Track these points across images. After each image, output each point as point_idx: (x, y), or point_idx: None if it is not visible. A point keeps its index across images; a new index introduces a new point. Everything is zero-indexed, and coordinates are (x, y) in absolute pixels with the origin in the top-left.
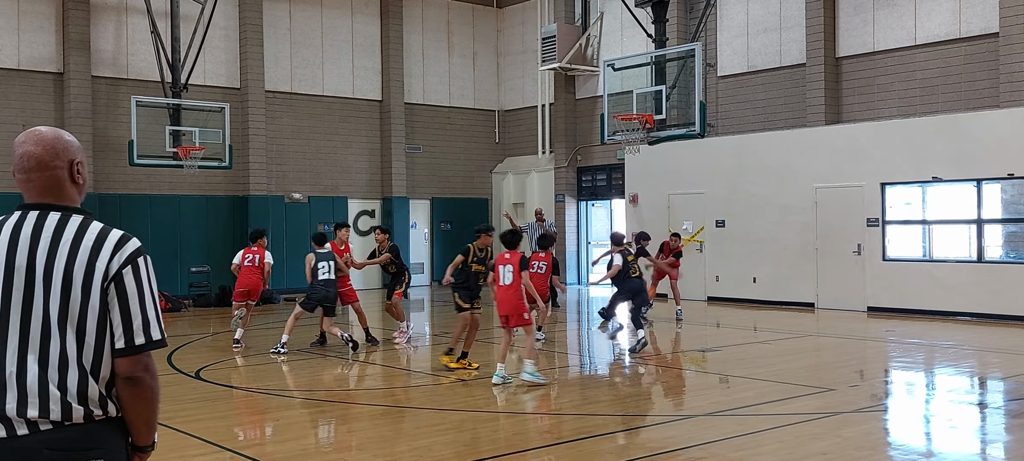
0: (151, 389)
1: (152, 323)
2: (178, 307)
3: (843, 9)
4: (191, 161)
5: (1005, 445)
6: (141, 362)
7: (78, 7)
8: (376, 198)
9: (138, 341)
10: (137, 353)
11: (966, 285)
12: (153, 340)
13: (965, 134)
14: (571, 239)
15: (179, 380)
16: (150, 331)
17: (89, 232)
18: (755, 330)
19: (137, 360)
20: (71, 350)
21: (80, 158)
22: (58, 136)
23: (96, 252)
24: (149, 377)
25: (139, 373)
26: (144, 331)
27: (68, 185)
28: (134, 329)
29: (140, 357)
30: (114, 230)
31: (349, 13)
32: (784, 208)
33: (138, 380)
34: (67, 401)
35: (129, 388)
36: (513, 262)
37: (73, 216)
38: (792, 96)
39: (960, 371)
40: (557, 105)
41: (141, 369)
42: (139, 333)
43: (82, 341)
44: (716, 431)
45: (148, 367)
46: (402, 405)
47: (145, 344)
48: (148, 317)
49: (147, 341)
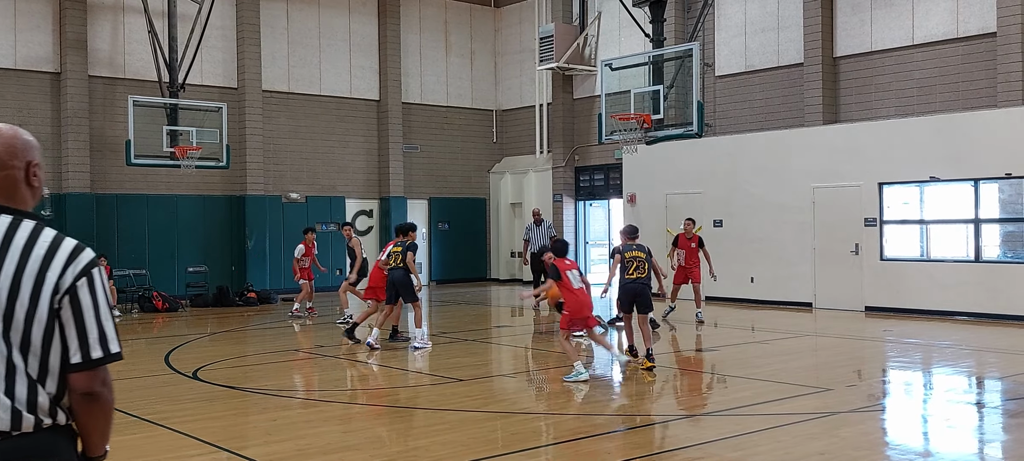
0: (109, 403)
1: (109, 337)
2: (175, 307)
3: (841, 9)
4: (188, 161)
5: (1003, 445)
6: (99, 376)
7: (75, 6)
8: (374, 198)
9: (95, 355)
10: (95, 367)
11: (964, 285)
12: (111, 353)
13: (963, 134)
14: (569, 239)
15: (176, 380)
16: (108, 345)
17: (41, 240)
18: (753, 330)
19: (95, 375)
20: (18, 359)
21: (37, 159)
22: (16, 134)
23: (48, 262)
24: (107, 392)
25: (97, 389)
26: (101, 345)
27: (23, 187)
28: (90, 343)
29: (98, 371)
30: (67, 239)
31: (346, 13)
32: (782, 208)
33: (97, 395)
34: (16, 408)
35: (87, 404)
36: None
37: (24, 221)
38: (790, 96)
39: (958, 371)
40: (555, 105)
41: (99, 384)
42: (95, 347)
43: (27, 351)
44: (714, 431)
45: (105, 381)
46: (400, 405)
47: (103, 358)
48: (105, 330)
49: (105, 355)
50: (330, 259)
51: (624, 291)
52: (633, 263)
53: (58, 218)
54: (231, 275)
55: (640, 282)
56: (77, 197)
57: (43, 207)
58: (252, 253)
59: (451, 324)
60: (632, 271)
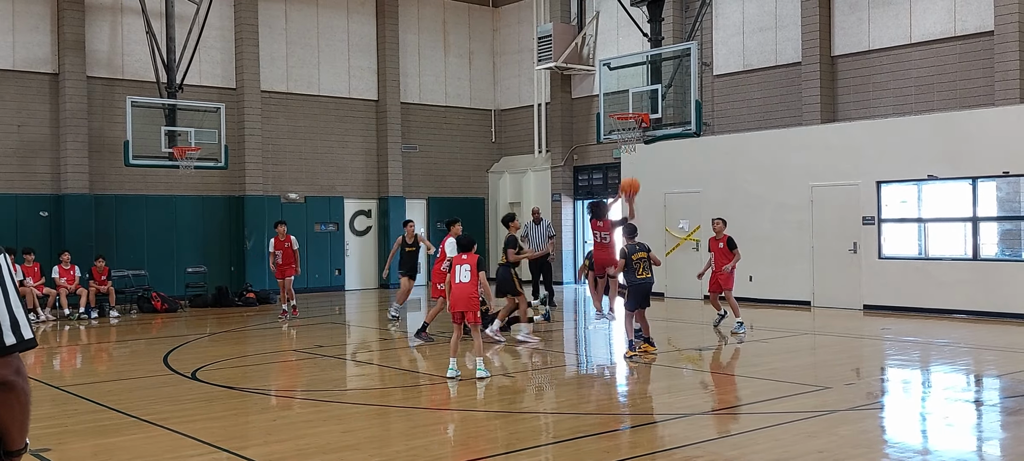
0: (25, 392)
1: (21, 322)
2: (174, 308)
3: (838, 8)
4: (187, 161)
5: (1001, 442)
6: (12, 364)
7: (73, 7)
8: (372, 198)
9: (8, 342)
10: (8, 354)
11: (962, 283)
12: (25, 339)
13: (960, 132)
14: (568, 238)
15: (175, 381)
16: (20, 330)
17: None
18: (751, 328)
19: (8, 362)
20: None
21: None
22: None
23: None
24: (21, 380)
25: (11, 377)
26: (13, 331)
27: None
28: (2, 331)
29: (11, 359)
30: None
31: (345, 13)
32: (780, 207)
33: (11, 384)
34: None
35: (3, 394)
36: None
37: None
38: (788, 95)
39: (956, 369)
40: (553, 104)
41: (13, 372)
42: (8, 333)
43: None
44: (712, 429)
45: (19, 369)
46: (398, 405)
47: (16, 344)
48: (16, 316)
49: (18, 341)
50: (330, 259)
51: (636, 290)
52: (640, 263)
53: (57, 219)
54: (230, 275)
55: (650, 280)
56: (76, 198)
57: (42, 207)
58: (251, 253)
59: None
60: (641, 271)
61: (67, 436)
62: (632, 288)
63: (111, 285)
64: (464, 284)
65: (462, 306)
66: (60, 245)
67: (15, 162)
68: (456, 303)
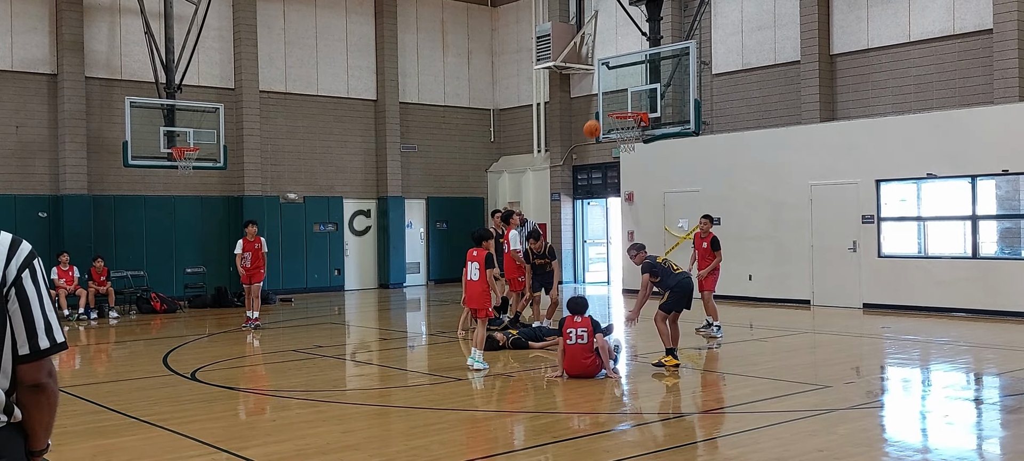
0: (55, 394)
1: (54, 326)
2: (173, 308)
3: (837, 6)
4: (186, 162)
5: (1001, 441)
6: (45, 367)
7: (71, 8)
8: (371, 198)
9: (43, 345)
10: (42, 357)
11: (961, 281)
12: (57, 342)
13: (960, 130)
14: (567, 238)
15: (175, 381)
16: (53, 334)
17: None
18: (751, 327)
19: (41, 365)
20: None
21: None
22: None
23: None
24: (53, 382)
25: (44, 379)
26: (47, 334)
27: None
28: (38, 334)
29: (44, 362)
30: (3, 233)
31: (343, 13)
32: (779, 205)
33: (43, 386)
34: None
35: (34, 394)
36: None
37: None
38: (787, 93)
39: (956, 367)
40: (552, 104)
41: (46, 375)
42: (43, 337)
43: None
44: (713, 429)
45: (52, 372)
46: (398, 405)
47: (50, 348)
48: (49, 320)
49: (52, 345)
50: (329, 259)
51: (680, 288)
52: (667, 263)
53: (55, 220)
54: (229, 276)
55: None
56: (74, 199)
57: (40, 208)
58: None
59: (451, 324)
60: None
61: (66, 437)
62: (673, 289)
63: (110, 286)
64: (474, 282)
65: (474, 303)
66: (59, 246)
67: (14, 163)
68: (469, 300)
